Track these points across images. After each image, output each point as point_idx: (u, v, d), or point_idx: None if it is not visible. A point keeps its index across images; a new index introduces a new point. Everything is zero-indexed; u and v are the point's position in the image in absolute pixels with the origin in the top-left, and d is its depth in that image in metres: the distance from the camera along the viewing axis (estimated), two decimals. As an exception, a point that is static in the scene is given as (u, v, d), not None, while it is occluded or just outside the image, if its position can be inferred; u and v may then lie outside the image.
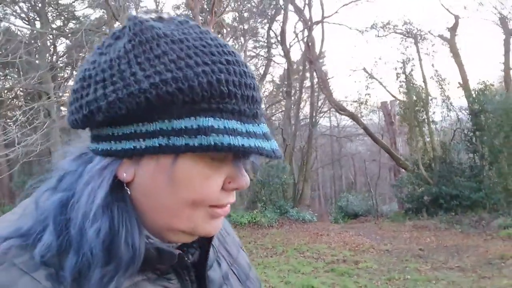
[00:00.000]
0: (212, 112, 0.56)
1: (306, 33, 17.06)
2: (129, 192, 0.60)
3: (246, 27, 23.71)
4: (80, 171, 0.60)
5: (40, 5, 20.30)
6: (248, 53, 27.26)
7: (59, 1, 24.13)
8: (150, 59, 0.56)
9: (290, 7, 17.23)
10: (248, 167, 0.69)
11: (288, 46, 17.89)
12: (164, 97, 0.54)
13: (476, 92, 13.81)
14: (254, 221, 13.06)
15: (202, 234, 0.63)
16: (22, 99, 23.69)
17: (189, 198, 0.58)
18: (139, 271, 0.59)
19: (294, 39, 19.55)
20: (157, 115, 0.56)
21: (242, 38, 25.15)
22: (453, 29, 18.18)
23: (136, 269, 0.57)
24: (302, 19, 17.10)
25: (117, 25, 14.71)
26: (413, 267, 7.63)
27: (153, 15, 0.62)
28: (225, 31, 22.14)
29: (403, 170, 17.19)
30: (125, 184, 0.59)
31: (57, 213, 0.57)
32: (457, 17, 17.89)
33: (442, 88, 14.60)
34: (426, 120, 13.96)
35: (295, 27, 18.46)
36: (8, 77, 23.74)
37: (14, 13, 21.80)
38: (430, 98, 14.43)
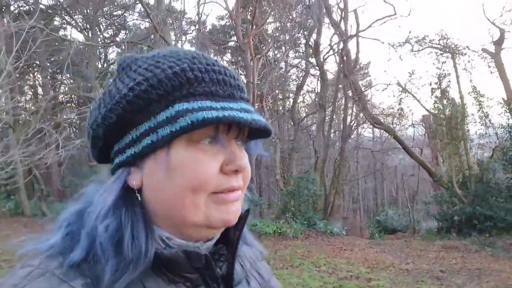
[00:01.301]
0: (185, 98, 0.62)
1: (341, 45, 17.04)
2: (139, 198, 0.65)
3: (287, 37, 23.97)
4: (98, 188, 0.68)
5: (92, 16, 21.48)
6: (289, 62, 27.55)
7: (113, 12, 25.43)
8: (129, 74, 0.67)
9: (326, 19, 17.29)
10: (254, 153, 0.77)
11: (322, 59, 17.91)
12: (141, 96, 0.63)
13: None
14: (279, 231, 13.15)
15: (217, 223, 0.66)
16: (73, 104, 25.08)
17: (187, 185, 0.62)
18: (172, 282, 0.65)
19: (328, 51, 19.43)
20: (144, 116, 0.63)
21: (283, 48, 25.43)
22: (498, 43, 17.56)
23: (145, 267, 0.61)
24: (338, 32, 17.10)
25: (158, 37, 15.38)
26: (425, 289, 7.50)
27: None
28: (269, 40, 22.52)
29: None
30: (136, 191, 0.65)
31: (72, 220, 0.66)
32: (502, 31, 17.27)
33: (480, 104, 14.11)
34: (461, 137, 13.54)
35: (331, 40, 18.43)
36: (64, 83, 25.32)
37: (70, 24, 23.19)
38: (466, 114, 13.99)
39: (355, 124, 24.94)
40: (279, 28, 24.03)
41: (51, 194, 20.41)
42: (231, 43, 26.37)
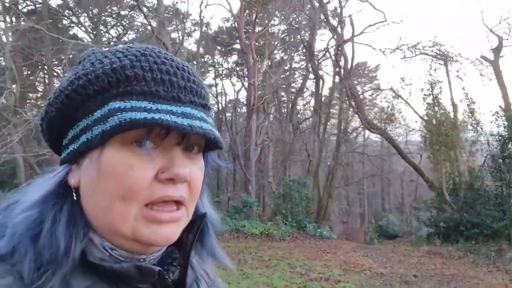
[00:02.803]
0: (121, 97, 0.58)
1: (338, 51, 17.22)
2: (74, 197, 0.62)
3: (293, 39, 24.18)
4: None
5: (97, 16, 21.97)
6: (293, 66, 27.76)
7: (120, 12, 25.92)
8: (76, 68, 0.64)
9: (323, 24, 17.48)
10: (213, 164, 0.73)
11: (316, 63, 18.09)
12: (78, 90, 0.60)
13: (505, 118, 13.29)
14: (266, 233, 13.38)
15: (144, 240, 0.60)
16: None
17: (116, 191, 0.57)
18: None
19: (323, 55, 19.60)
20: (82, 113, 0.60)
21: (289, 50, 25.66)
22: (497, 51, 17.52)
23: (68, 269, 0.56)
24: (335, 36, 17.27)
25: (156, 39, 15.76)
26: (388, 292, 7.66)
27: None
28: (274, 42, 22.77)
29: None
30: (73, 190, 0.62)
31: (2, 211, 0.63)
32: (501, 39, 17.23)
33: (472, 112, 14.14)
34: (451, 144, 13.59)
35: (327, 44, 18.61)
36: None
37: (75, 23, 23.74)
38: (457, 121, 14.04)
39: (359, 128, 25.07)
40: (286, 31, 24.28)
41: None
42: (237, 45, 26.65)
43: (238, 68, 27.91)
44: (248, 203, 15.52)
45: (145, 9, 18.14)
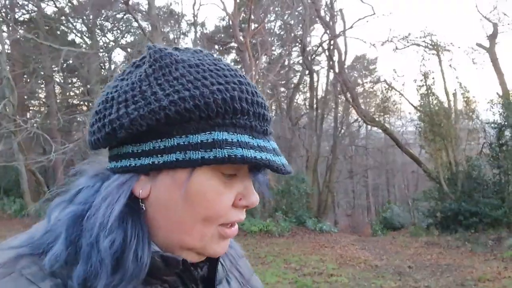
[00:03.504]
0: (226, 127, 0.59)
1: (328, 44, 17.24)
2: (144, 208, 0.62)
3: (290, 35, 24.19)
4: (97, 186, 0.63)
5: (91, 22, 22.12)
6: (292, 61, 27.76)
7: (117, 16, 26.07)
8: (169, 80, 0.61)
9: (315, 20, 17.50)
10: (257, 186, 0.73)
11: (310, 58, 18.12)
12: (182, 113, 0.58)
13: (502, 105, 13.23)
14: (265, 229, 13.44)
15: (211, 253, 0.65)
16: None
17: (202, 214, 0.60)
18: (148, 284, 0.61)
19: (316, 50, 19.61)
20: (175, 131, 0.59)
21: (285, 47, 25.66)
22: (492, 38, 17.42)
23: (139, 281, 0.59)
24: (328, 31, 17.28)
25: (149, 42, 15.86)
26: (379, 284, 7.70)
27: (170, 47, 0.67)
28: (270, 39, 22.79)
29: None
30: (140, 200, 0.62)
31: (70, 224, 0.60)
32: (495, 25, 17.13)
33: (466, 101, 14.10)
34: (445, 133, 13.56)
35: (321, 39, 18.61)
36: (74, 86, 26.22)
37: (70, 29, 23.92)
38: (452, 111, 14.00)
39: (361, 121, 25.02)
40: (281, 27, 24.29)
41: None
42: (234, 43, 26.71)
43: (239, 67, 27.96)
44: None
45: (138, 13, 18.23)
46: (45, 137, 13.28)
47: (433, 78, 14.06)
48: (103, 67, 24.11)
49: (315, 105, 18.14)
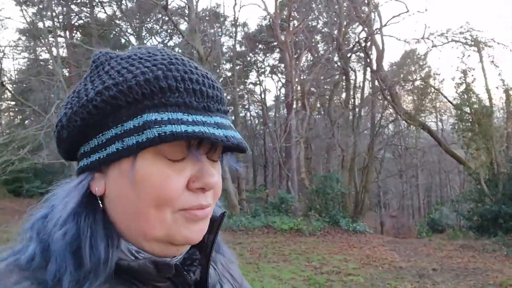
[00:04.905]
0: (156, 108, 0.58)
1: (366, 41, 17.02)
2: (100, 205, 0.63)
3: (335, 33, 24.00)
4: (63, 191, 0.65)
5: (138, 25, 23.09)
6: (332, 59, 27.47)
7: (164, 18, 27.00)
8: (100, 75, 0.63)
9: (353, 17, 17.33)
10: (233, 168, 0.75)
11: (347, 56, 17.97)
12: (109, 101, 0.59)
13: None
14: (296, 228, 13.54)
15: (181, 240, 0.63)
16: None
17: (153, 199, 0.59)
18: None
19: (353, 47, 19.36)
20: (110, 122, 0.60)
21: (326, 46, 25.46)
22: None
23: (106, 276, 0.58)
24: (365, 28, 17.05)
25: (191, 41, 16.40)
26: (394, 285, 7.65)
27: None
28: (313, 37, 22.79)
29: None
30: (98, 198, 0.63)
31: (39, 225, 0.62)
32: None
33: (509, 98, 13.44)
34: (485, 132, 13.02)
35: (358, 37, 18.34)
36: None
37: (120, 33, 25.03)
38: (492, 109, 13.39)
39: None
40: (323, 26, 24.14)
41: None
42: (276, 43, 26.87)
43: (279, 65, 28.16)
44: (285, 199, 15.77)
45: (178, 18, 18.83)
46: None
47: (472, 75, 13.53)
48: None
49: (351, 104, 17.94)
